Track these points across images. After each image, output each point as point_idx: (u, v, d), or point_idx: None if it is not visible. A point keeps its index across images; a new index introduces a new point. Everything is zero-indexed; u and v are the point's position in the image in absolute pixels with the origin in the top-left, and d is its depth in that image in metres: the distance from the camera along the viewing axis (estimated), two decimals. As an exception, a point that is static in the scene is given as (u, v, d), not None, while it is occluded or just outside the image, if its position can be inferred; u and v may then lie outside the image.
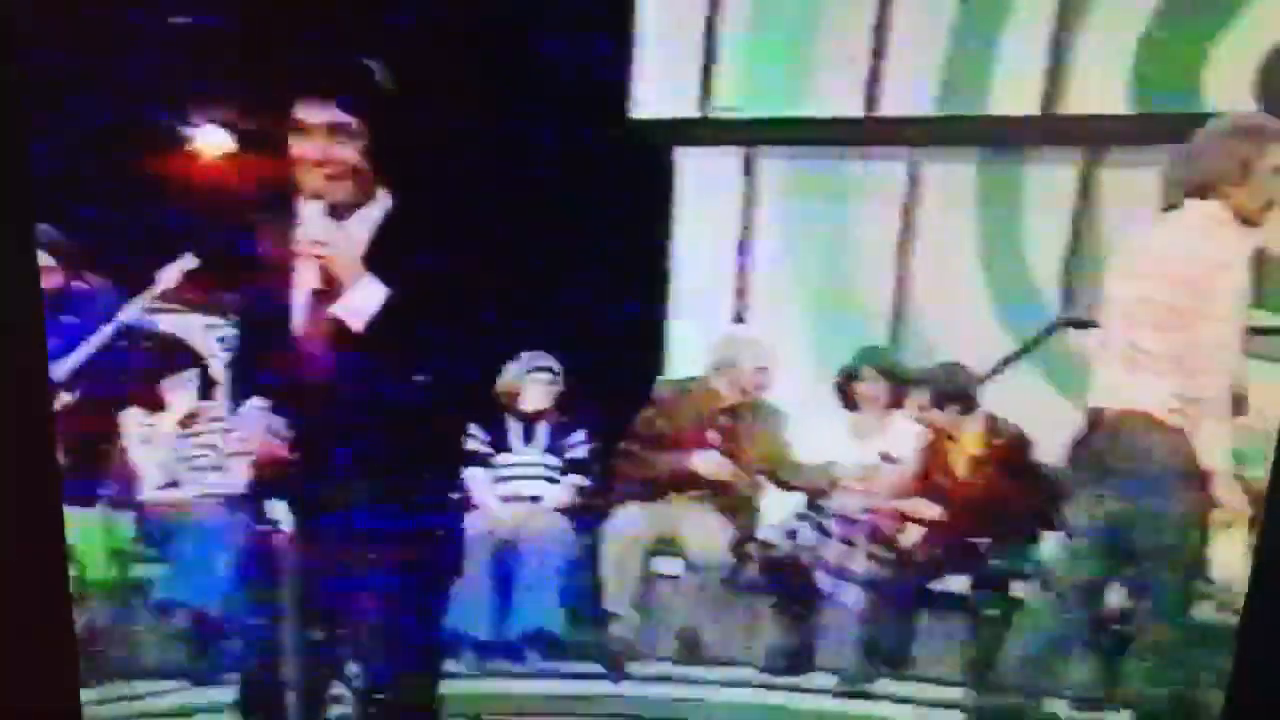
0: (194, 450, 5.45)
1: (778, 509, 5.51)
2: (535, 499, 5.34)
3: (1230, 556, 4.61)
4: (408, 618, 3.44)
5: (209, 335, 5.63)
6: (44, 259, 5.18)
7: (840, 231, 6.05)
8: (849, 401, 5.54)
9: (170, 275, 5.24)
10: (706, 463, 5.47)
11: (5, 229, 2.71)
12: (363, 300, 3.14)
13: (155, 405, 5.48)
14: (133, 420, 5.47)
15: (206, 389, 5.54)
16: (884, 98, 5.93)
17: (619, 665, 5.31)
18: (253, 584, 3.55)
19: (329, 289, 3.16)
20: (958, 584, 5.23)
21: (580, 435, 5.50)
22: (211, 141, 5.38)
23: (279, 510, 3.41)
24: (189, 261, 5.25)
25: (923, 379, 5.42)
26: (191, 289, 5.37)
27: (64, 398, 5.10)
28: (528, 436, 5.46)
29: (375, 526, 3.28)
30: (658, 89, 6.11)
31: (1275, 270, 5.34)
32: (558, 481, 5.42)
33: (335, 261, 3.14)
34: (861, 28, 5.88)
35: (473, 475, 5.27)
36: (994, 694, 4.57)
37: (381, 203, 3.28)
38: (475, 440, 5.32)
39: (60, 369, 5.09)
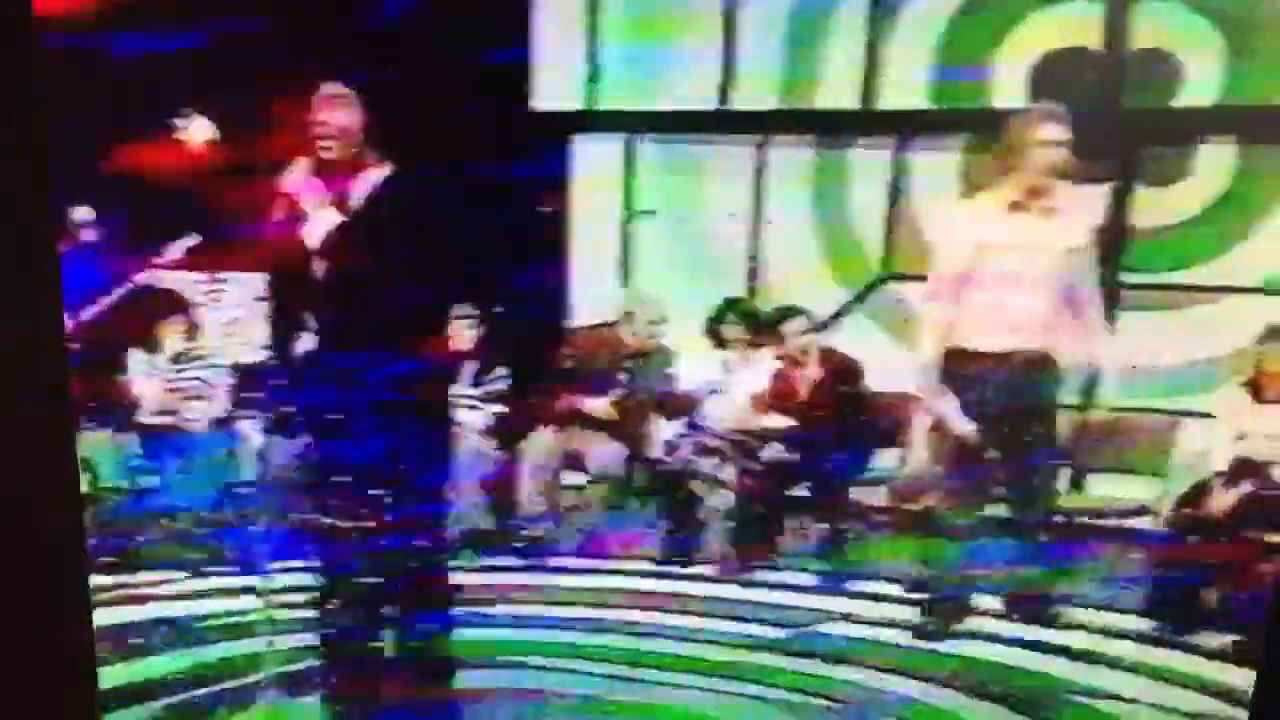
0: (184, 382, 6.13)
1: (664, 432, 6.14)
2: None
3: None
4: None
5: (197, 290, 6.32)
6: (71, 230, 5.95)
7: (704, 202, 6.66)
8: (717, 341, 6.18)
9: (177, 249, 5.99)
10: (594, 404, 6.22)
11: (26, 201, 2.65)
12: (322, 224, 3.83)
13: (153, 347, 6.17)
14: (136, 359, 6.15)
15: (193, 333, 6.22)
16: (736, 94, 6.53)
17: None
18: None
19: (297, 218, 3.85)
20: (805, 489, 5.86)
21: (501, 372, 6.12)
22: (203, 129, 6.01)
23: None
24: (191, 239, 5.99)
25: (773, 320, 6.03)
26: (190, 258, 6.08)
27: (84, 340, 5.83)
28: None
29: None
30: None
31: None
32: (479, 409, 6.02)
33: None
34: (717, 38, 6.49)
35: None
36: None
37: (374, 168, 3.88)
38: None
39: (82, 317, 5.85)
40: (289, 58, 4.34)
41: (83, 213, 5.93)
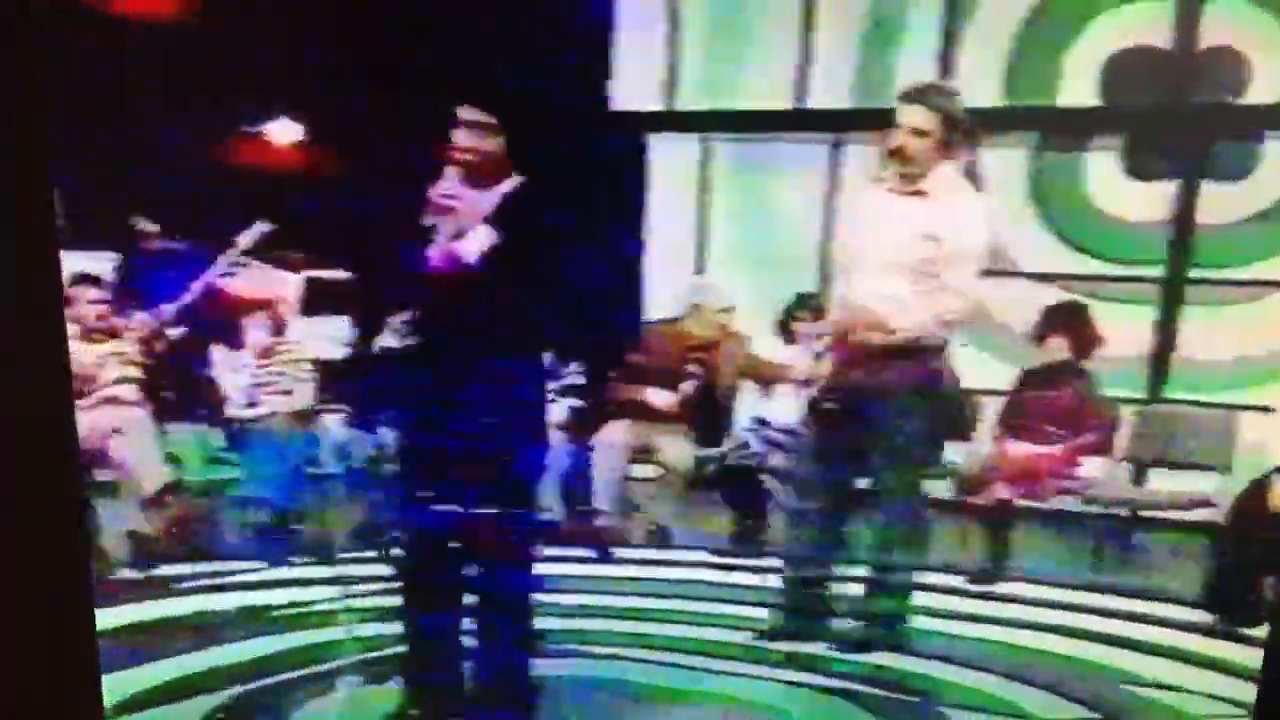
0: (268, 377, 6.27)
1: (731, 426, 6.25)
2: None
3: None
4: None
5: (282, 285, 6.53)
6: (149, 226, 6.21)
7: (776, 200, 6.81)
8: (787, 336, 6.24)
9: (248, 237, 6.10)
10: (658, 397, 6.28)
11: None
12: (474, 243, 3.89)
13: (237, 342, 6.34)
14: (220, 354, 6.33)
15: (279, 328, 6.39)
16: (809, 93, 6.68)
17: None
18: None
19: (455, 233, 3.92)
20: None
21: (575, 366, 6.26)
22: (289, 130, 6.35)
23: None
24: (263, 225, 6.10)
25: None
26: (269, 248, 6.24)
27: (168, 336, 6.06)
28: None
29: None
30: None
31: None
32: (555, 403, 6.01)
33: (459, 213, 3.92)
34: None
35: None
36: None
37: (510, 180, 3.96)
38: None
39: (164, 314, 6.05)
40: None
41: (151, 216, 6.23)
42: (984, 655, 5.00)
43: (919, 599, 5.23)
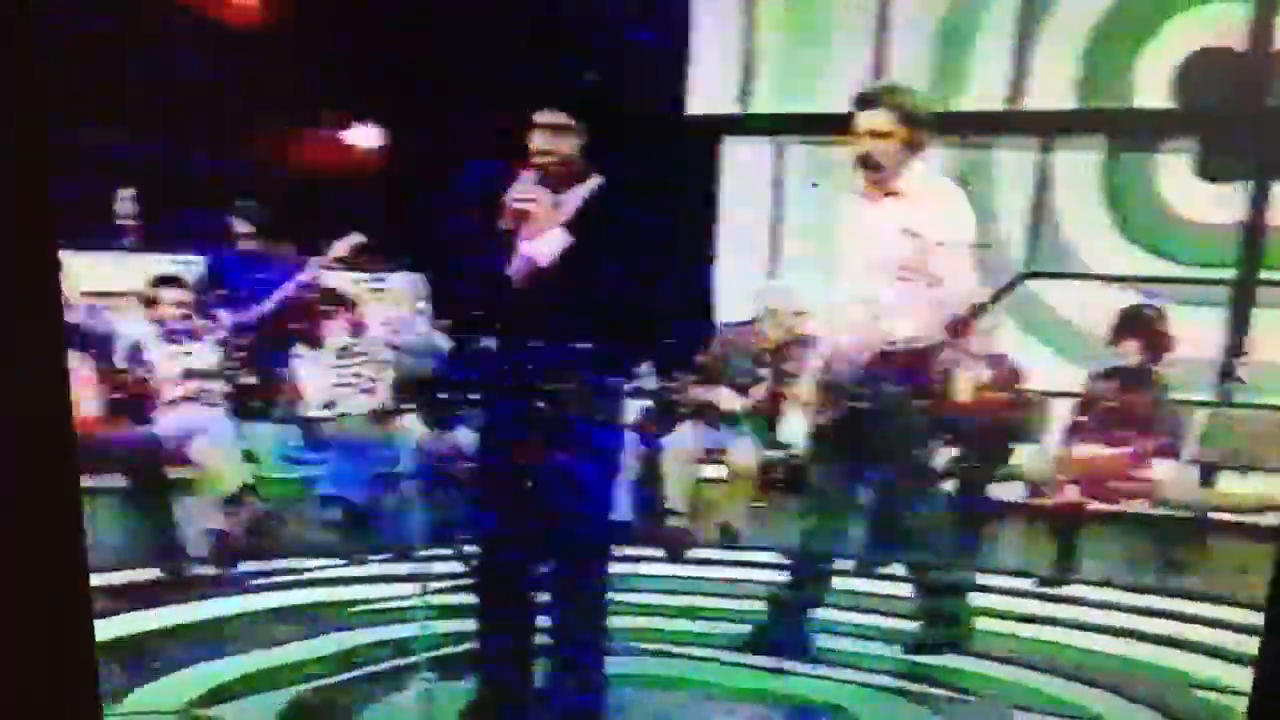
0: (346, 377, 6.38)
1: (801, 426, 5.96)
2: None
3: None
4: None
5: (360, 288, 6.66)
6: (243, 228, 6.36)
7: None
8: None
9: (341, 247, 6.29)
10: (727, 398, 6.33)
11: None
12: (549, 245, 3.88)
13: (317, 342, 6.45)
14: (301, 354, 6.43)
15: (356, 329, 6.49)
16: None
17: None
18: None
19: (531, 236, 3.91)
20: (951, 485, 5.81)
21: (647, 368, 6.14)
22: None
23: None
24: (356, 238, 6.29)
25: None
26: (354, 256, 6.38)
27: (250, 337, 6.21)
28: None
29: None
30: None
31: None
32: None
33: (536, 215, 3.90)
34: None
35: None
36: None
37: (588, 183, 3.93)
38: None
39: (248, 315, 6.23)
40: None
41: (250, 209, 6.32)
42: (1050, 658, 4.99)
43: (984, 600, 5.24)
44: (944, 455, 5.48)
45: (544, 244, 3.91)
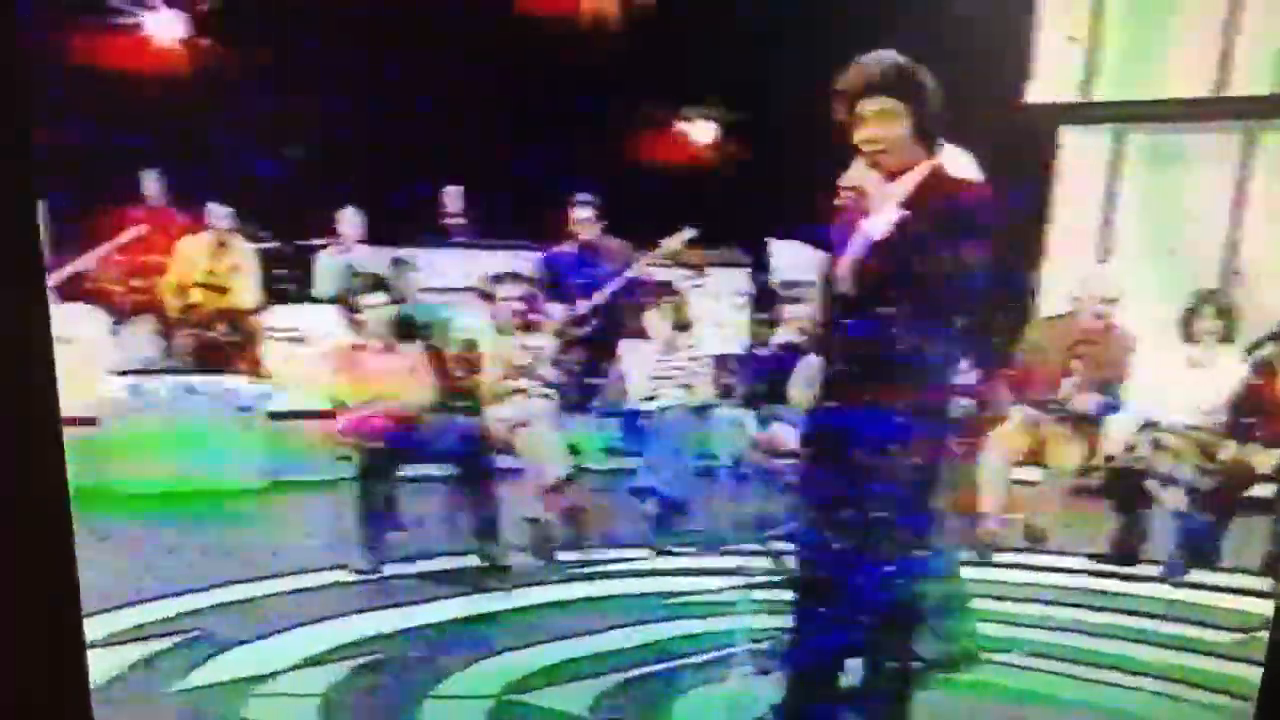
0: (669, 370, 6.42)
1: (1119, 426, 6.04)
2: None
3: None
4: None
5: (687, 282, 6.79)
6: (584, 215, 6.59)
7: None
8: (1189, 335, 5.97)
9: (673, 242, 6.47)
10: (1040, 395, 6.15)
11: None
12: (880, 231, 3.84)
13: (640, 335, 6.52)
14: (626, 348, 6.57)
15: (682, 324, 6.53)
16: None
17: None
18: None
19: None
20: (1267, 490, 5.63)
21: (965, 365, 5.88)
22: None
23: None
24: (689, 231, 6.46)
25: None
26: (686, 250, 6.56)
27: (581, 331, 6.50)
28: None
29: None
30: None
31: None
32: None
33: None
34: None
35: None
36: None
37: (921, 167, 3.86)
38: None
39: (580, 309, 6.49)
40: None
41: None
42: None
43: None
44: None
45: (874, 229, 3.88)
